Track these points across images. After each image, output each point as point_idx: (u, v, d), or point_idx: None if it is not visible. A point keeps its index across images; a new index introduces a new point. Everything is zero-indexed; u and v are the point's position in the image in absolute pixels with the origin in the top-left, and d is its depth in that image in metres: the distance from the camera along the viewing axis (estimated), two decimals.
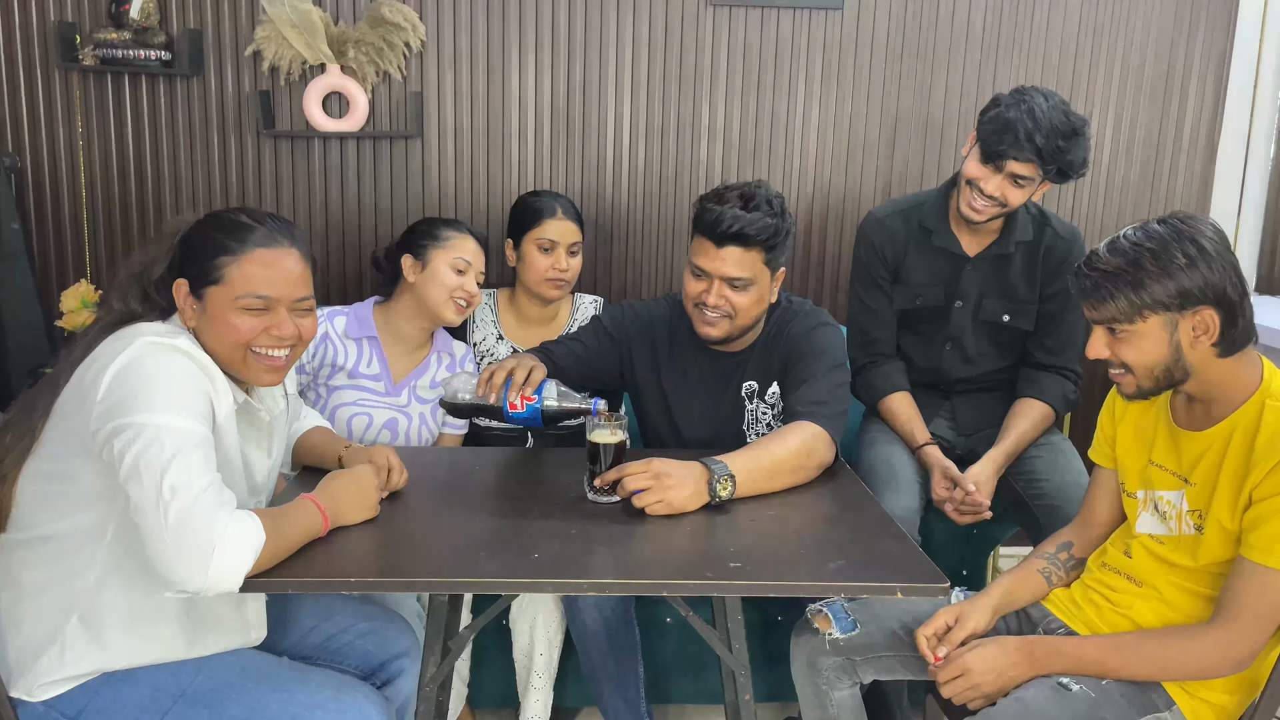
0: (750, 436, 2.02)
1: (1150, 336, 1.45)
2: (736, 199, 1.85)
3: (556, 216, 2.34)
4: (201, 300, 1.44)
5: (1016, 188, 2.12)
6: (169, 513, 1.24)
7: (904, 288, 2.33)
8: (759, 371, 2.01)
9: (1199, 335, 1.44)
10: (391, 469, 1.62)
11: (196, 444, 1.30)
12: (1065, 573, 1.74)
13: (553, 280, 2.33)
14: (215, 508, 1.26)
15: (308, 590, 1.39)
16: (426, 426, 2.20)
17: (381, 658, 1.67)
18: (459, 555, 1.43)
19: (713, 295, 1.87)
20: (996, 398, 2.37)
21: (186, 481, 1.25)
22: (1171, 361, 1.46)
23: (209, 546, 1.24)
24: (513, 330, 2.43)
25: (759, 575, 1.38)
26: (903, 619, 1.72)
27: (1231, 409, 1.49)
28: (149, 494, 1.25)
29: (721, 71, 2.74)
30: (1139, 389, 1.52)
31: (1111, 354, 1.50)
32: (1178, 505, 1.55)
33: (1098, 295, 1.46)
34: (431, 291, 2.15)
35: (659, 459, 1.61)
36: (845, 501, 1.72)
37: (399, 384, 2.19)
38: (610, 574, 1.39)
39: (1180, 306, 1.42)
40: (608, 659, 2.03)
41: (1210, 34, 2.78)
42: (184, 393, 1.33)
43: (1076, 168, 2.12)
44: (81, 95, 2.64)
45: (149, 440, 1.27)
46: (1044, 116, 2.06)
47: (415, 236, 2.22)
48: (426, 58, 2.69)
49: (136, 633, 1.40)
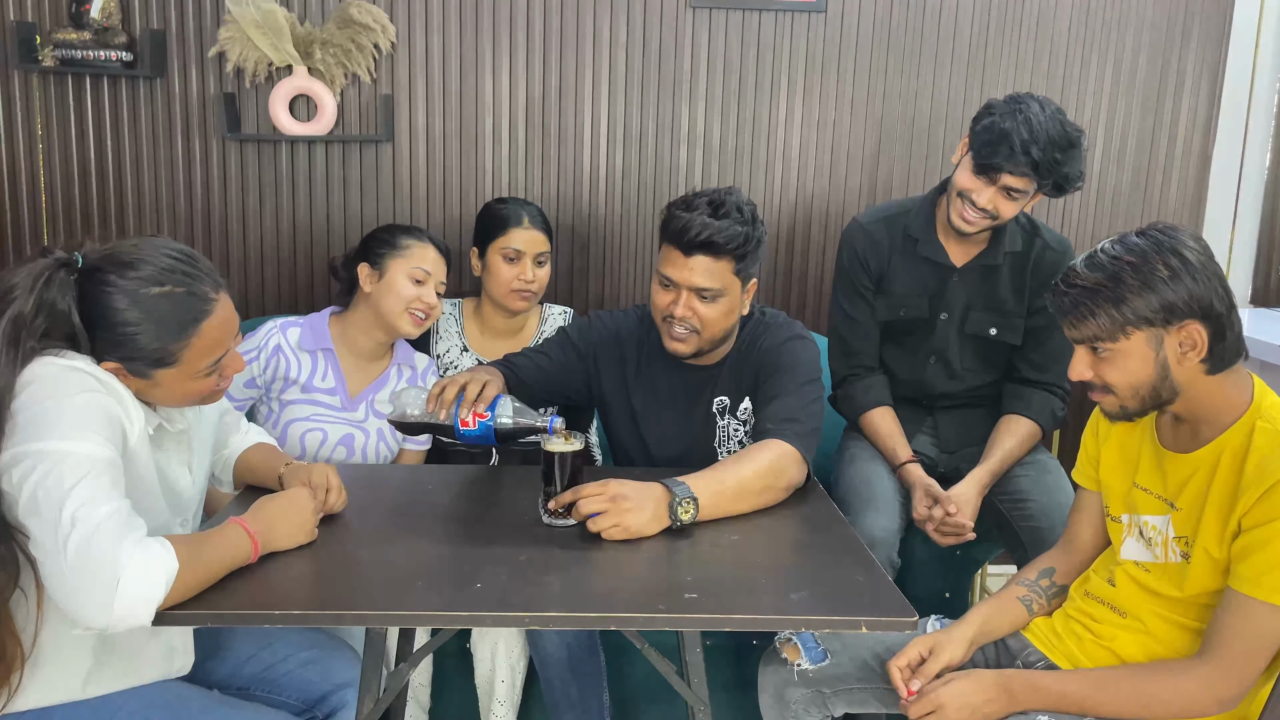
0: (722, 454, 1.94)
1: (1135, 354, 1.38)
2: (705, 206, 1.77)
3: (523, 225, 2.25)
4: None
5: (1009, 200, 2.05)
6: (68, 545, 1.15)
7: (887, 298, 2.26)
8: (730, 386, 1.93)
9: (1186, 351, 1.37)
10: (330, 489, 1.53)
11: (102, 469, 1.21)
12: (1047, 600, 1.67)
13: (518, 291, 2.24)
14: (119, 537, 1.17)
15: (227, 624, 1.32)
16: (385, 443, 2.12)
17: (324, 688, 1.58)
18: (394, 585, 1.34)
19: (680, 307, 1.79)
20: (981, 414, 2.30)
21: (87, 511, 1.17)
22: (1158, 380, 1.39)
23: (112, 579, 1.15)
24: (478, 342, 2.35)
25: (716, 607, 1.30)
26: (875, 649, 1.65)
27: (1220, 430, 1.41)
28: (47, 526, 1.16)
29: (701, 75, 2.66)
30: (1123, 410, 1.45)
31: (1095, 375, 1.43)
32: (1163, 531, 1.47)
33: (1077, 313, 1.39)
34: (388, 302, 2.07)
35: (617, 480, 1.52)
36: (815, 525, 1.63)
37: (355, 398, 2.10)
38: (557, 606, 1.30)
39: (1165, 321, 1.36)
40: (570, 687, 1.96)
41: (1204, 41, 2.71)
42: (87, 415, 1.25)
43: (1073, 181, 2.05)
44: (41, 97, 2.57)
45: (48, 468, 1.18)
46: (1040, 128, 1.97)
47: (373, 244, 2.13)
48: (397, 59, 2.62)
49: (44, 668, 1.32)
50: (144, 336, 1.33)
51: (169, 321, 1.34)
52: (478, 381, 1.70)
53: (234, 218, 2.67)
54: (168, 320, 1.34)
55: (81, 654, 1.34)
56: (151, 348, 1.33)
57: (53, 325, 1.30)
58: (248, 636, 1.60)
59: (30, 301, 1.28)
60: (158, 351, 1.33)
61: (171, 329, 1.34)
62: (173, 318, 1.34)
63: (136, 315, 1.32)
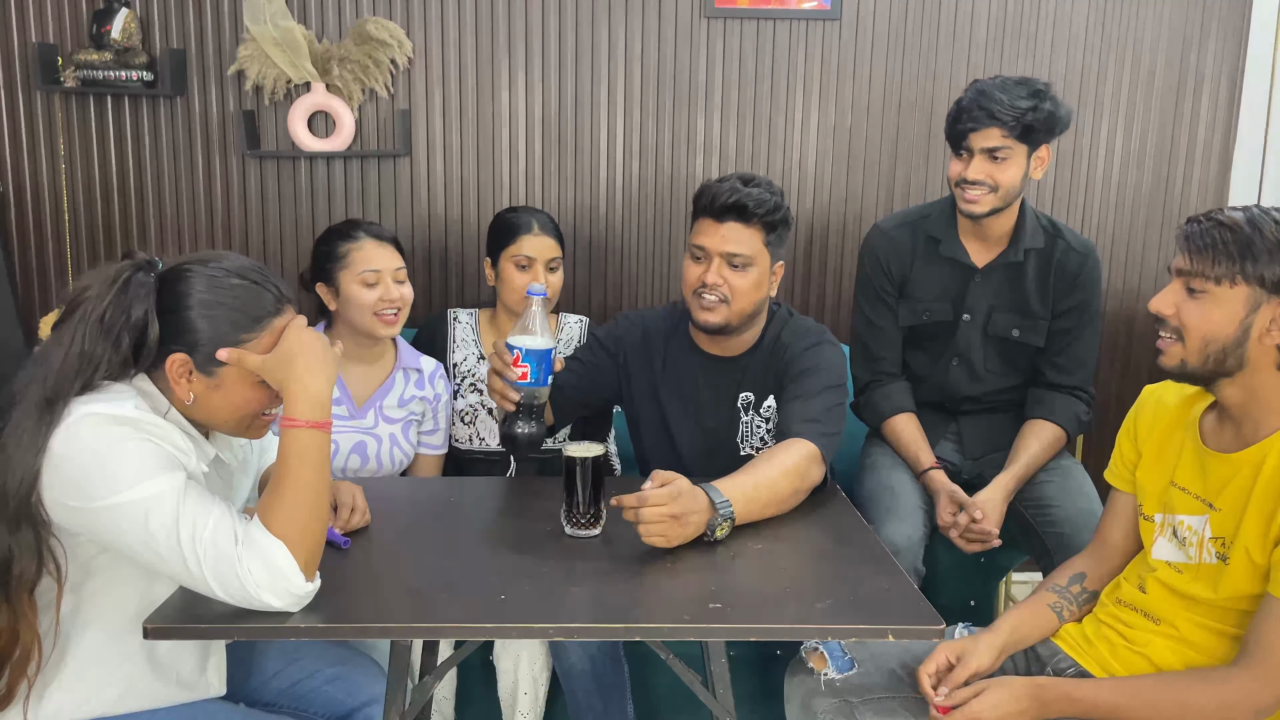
0: (744, 449, 1.96)
1: (1227, 306, 1.36)
2: (736, 178, 1.87)
3: (533, 232, 2.25)
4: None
5: (996, 163, 2.07)
6: (208, 577, 1.23)
7: (910, 303, 2.25)
8: (756, 382, 1.95)
9: (1273, 329, 1.35)
10: (355, 510, 1.54)
11: (184, 493, 1.25)
12: (1077, 606, 1.64)
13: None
14: (233, 542, 1.24)
15: (254, 638, 1.31)
16: (398, 447, 2.12)
17: (350, 705, 1.58)
18: (418, 598, 1.34)
19: (712, 273, 1.84)
20: (1005, 419, 2.28)
21: (198, 535, 1.23)
22: (1233, 343, 1.37)
23: (257, 581, 1.23)
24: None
25: (741, 617, 1.29)
26: (903, 658, 1.62)
27: (1268, 432, 1.39)
28: (180, 568, 1.24)
29: (716, 85, 2.67)
30: (1183, 364, 1.42)
31: (1176, 312, 1.40)
32: (1199, 531, 1.45)
33: (1200, 242, 1.37)
34: (354, 314, 2.04)
35: (683, 497, 1.49)
36: (838, 533, 1.62)
37: (363, 406, 2.10)
38: (582, 617, 1.30)
39: (1275, 289, 1.34)
40: (594, 699, 1.95)
41: (1222, 41, 2.69)
42: (143, 457, 1.26)
43: (1052, 124, 2.07)
44: (63, 117, 2.60)
45: (142, 517, 1.23)
46: (990, 87, 2.06)
47: (320, 260, 2.09)
48: (414, 74, 2.63)
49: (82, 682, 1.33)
50: (218, 319, 1.33)
51: (244, 310, 1.34)
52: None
53: (254, 234, 2.68)
54: (243, 308, 1.34)
55: (118, 670, 1.35)
56: (223, 332, 1.33)
57: (120, 337, 1.31)
58: (274, 652, 1.60)
59: (105, 304, 1.30)
60: (228, 339, 1.34)
61: (245, 318, 1.34)
62: (248, 308, 1.35)
63: (214, 298, 1.33)
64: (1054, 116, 2.07)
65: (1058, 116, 2.08)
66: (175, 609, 1.28)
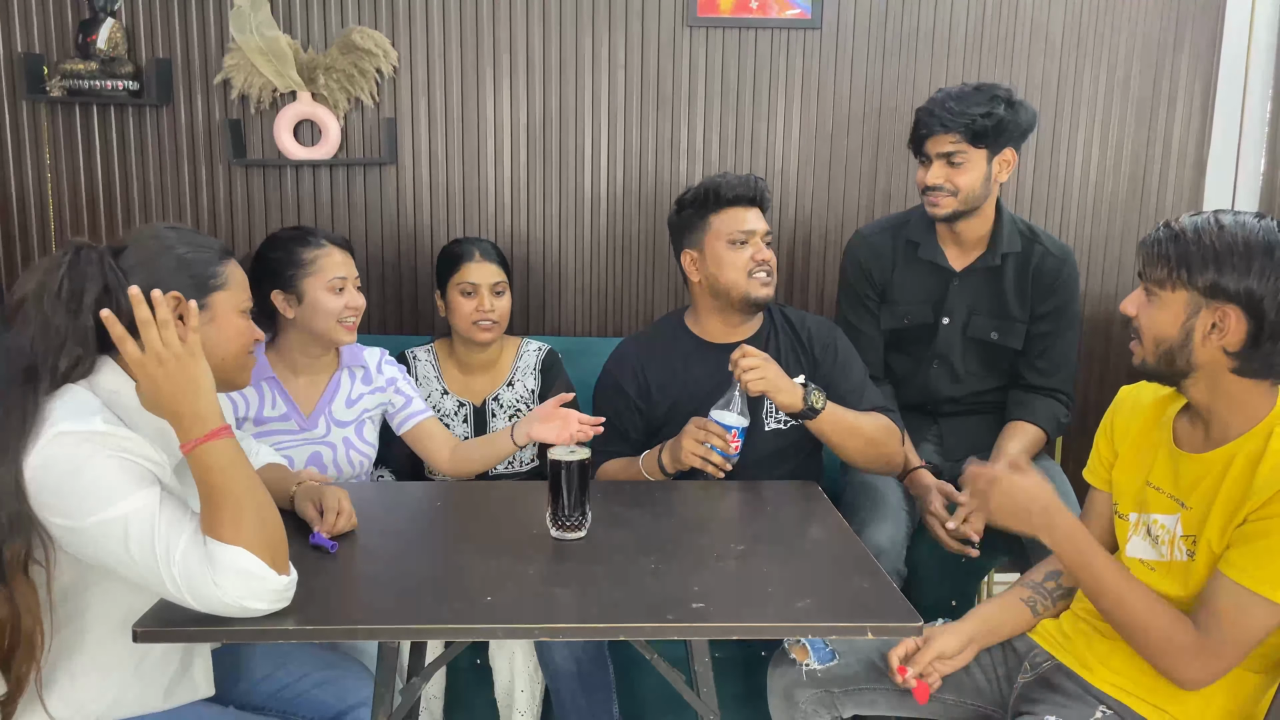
0: (769, 424, 2.06)
1: (1169, 310, 1.41)
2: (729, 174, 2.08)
3: (475, 259, 2.30)
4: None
5: (953, 167, 2.12)
6: (181, 589, 1.24)
7: (892, 307, 2.29)
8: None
9: (1212, 332, 1.39)
10: (341, 514, 1.55)
11: (160, 507, 1.26)
12: (1053, 602, 1.67)
13: (479, 322, 2.27)
14: (202, 560, 1.25)
15: (242, 640, 1.32)
16: (354, 450, 2.11)
17: (338, 708, 1.59)
18: (405, 599, 1.36)
19: (766, 251, 2.02)
20: (985, 421, 2.31)
21: (170, 549, 1.24)
22: (1177, 345, 1.41)
23: (223, 591, 1.24)
24: (455, 381, 2.37)
25: (724, 616, 1.32)
26: (883, 650, 1.65)
27: (1236, 433, 1.43)
28: (155, 580, 1.25)
29: (700, 93, 2.70)
30: (1144, 362, 1.48)
31: (1137, 313, 1.46)
32: (1171, 529, 1.48)
33: (1150, 249, 1.43)
34: (318, 322, 2.03)
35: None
36: (820, 534, 1.65)
37: (311, 415, 2.09)
38: (567, 617, 1.32)
39: (1209, 295, 1.38)
40: (580, 699, 1.97)
41: (1196, 47, 2.73)
42: (120, 472, 1.26)
43: (1007, 128, 2.11)
44: (49, 127, 2.61)
45: (121, 533, 1.24)
46: (946, 95, 2.13)
47: (276, 266, 2.03)
48: (399, 83, 2.65)
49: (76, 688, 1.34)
50: (188, 251, 1.40)
51: (203, 244, 1.43)
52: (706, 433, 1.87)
53: (241, 242, 2.69)
54: (202, 243, 1.43)
55: (111, 677, 1.36)
56: (201, 260, 1.41)
57: (80, 306, 1.30)
58: (262, 655, 1.61)
59: (60, 276, 1.30)
60: (205, 264, 1.41)
61: (207, 249, 1.43)
62: (204, 242, 1.44)
63: (173, 239, 1.41)
64: (1009, 121, 2.10)
65: (1015, 122, 2.11)
66: (163, 612, 1.29)
